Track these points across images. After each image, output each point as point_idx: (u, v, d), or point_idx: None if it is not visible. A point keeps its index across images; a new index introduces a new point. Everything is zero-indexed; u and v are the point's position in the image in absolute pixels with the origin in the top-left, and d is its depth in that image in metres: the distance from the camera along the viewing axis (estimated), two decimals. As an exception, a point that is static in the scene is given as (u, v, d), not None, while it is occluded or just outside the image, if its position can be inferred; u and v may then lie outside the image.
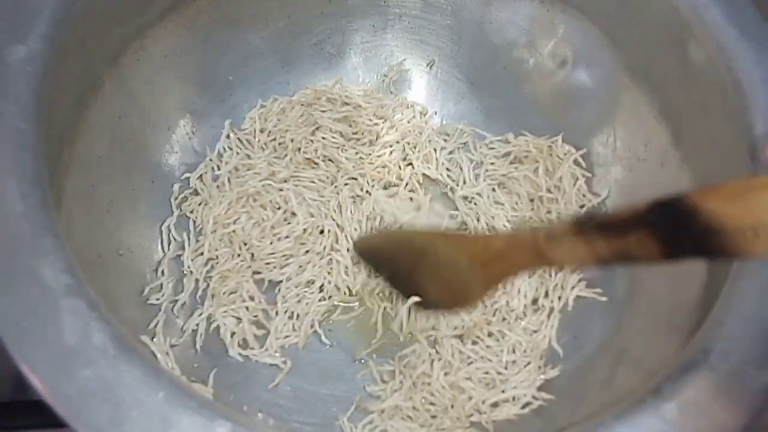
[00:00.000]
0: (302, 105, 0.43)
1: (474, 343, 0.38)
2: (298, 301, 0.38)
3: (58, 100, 0.30)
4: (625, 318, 0.37)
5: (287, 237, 0.39)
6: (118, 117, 0.37)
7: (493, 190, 0.43)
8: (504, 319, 0.39)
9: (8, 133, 0.26)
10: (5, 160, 0.25)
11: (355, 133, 0.43)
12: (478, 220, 0.42)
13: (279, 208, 0.40)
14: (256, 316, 0.37)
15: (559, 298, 0.39)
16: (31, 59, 0.27)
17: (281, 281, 0.39)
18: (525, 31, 0.43)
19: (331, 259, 0.39)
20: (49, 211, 0.25)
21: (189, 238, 0.39)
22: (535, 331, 0.38)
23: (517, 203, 0.42)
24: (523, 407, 0.36)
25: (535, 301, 0.39)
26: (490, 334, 0.38)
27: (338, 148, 0.42)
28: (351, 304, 0.39)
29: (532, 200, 0.42)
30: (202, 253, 0.39)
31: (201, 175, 0.41)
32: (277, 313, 0.38)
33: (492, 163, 0.43)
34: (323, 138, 0.42)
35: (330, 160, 0.42)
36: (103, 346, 0.23)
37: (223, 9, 0.40)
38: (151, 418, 0.22)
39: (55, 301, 0.23)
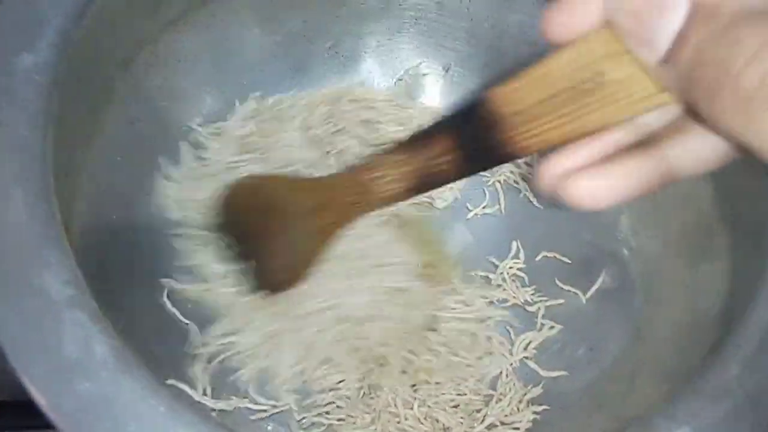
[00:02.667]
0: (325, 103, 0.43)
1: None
2: None
3: (69, 108, 0.29)
4: (642, 330, 0.37)
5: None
6: (131, 123, 0.37)
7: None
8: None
9: (15, 143, 0.26)
10: (12, 169, 0.25)
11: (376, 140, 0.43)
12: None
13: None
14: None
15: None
16: (39, 68, 0.27)
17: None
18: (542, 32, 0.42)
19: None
20: (54, 221, 0.25)
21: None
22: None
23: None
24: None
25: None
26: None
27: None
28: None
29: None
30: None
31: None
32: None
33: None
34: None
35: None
36: (104, 359, 0.23)
37: (236, 13, 0.40)
38: (151, 433, 0.22)
39: (57, 313, 0.23)
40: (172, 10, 0.37)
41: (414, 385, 0.36)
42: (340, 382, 0.37)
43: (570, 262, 0.41)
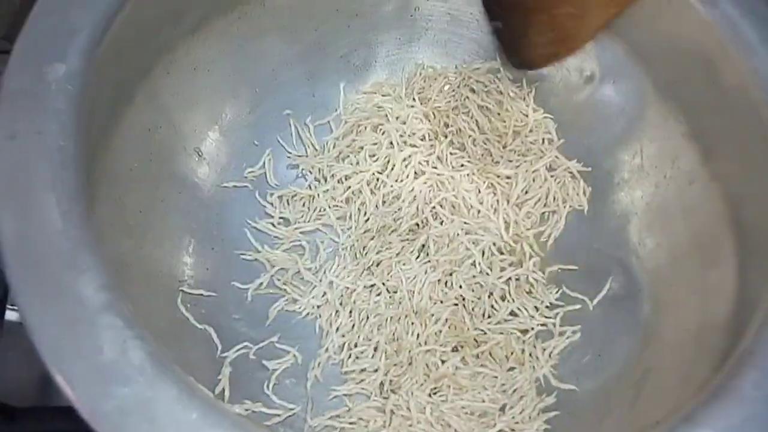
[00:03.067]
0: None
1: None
2: None
3: (94, 116, 0.30)
4: (650, 337, 0.37)
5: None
6: (148, 129, 0.37)
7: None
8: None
9: (49, 151, 0.26)
10: (46, 176, 0.26)
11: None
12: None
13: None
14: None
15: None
16: (70, 77, 0.27)
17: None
18: (553, 46, 0.43)
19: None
20: (87, 227, 0.25)
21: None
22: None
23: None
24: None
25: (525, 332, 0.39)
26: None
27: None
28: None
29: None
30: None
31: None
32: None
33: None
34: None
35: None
36: (141, 364, 0.23)
37: (253, 22, 0.40)
38: (187, 437, 0.22)
39: (92, 318, 0.24)
40: (191, 18, 0.37)
41: (435, 389, 0.37)
42: (364, 370, 0.38)
43: (577, 268, 0.41)
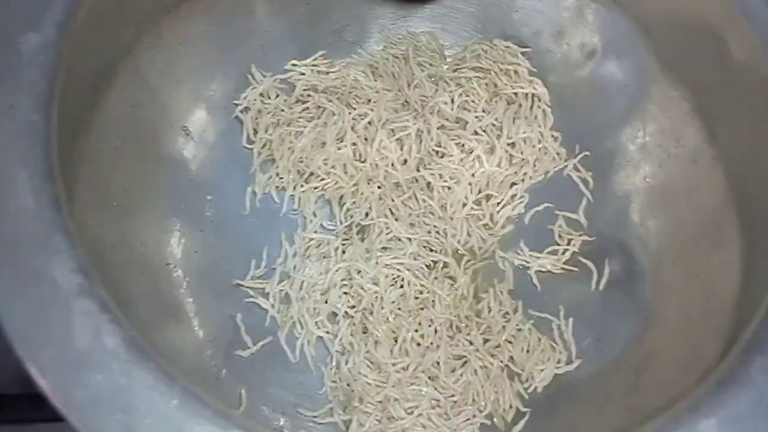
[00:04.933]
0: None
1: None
2: None
3: (72, 90, 0.29)
4: (652, 320, 0.36)
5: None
6: (133, 106, 0.36)
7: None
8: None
9: (20, 125, 0.25)
10: (17, 153, 0.24)
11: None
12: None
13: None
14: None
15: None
16: (44, 48, 0.26)
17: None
18: (552, 20, 0.42)
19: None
20: (61, 207, 0.24)
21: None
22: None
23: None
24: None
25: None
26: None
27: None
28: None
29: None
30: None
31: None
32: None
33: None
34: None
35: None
36: (115, 349, 0.22)
37: (241, -4, 0.39)
38: (164, 427, 0.21)
39: (66, 302, 0.23)
40: (175, -9, 0.36)
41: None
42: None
43: (577, 251, 0.40)
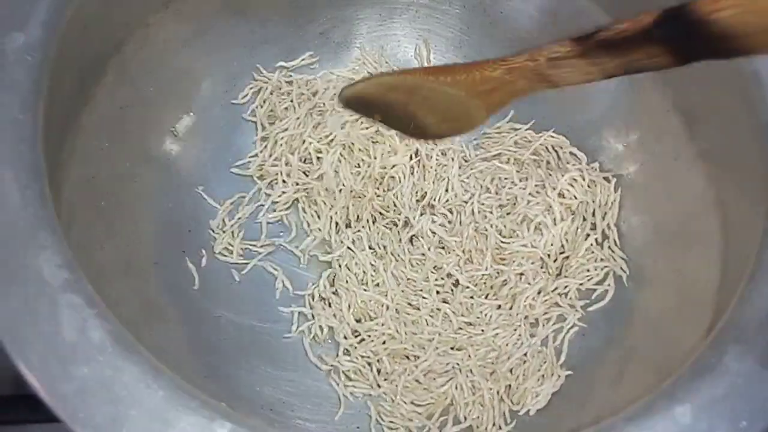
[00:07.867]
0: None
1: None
2: None
3: (59, 90, 0.29)
4: (634, 314, 0.37)
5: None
6: (120, 107, 0.36)
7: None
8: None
9: (6, 124, 0.25)
10: (3, 151, 0.25)
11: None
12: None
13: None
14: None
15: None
16: (30, 47, 0.26)
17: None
18: (536, 20, 0.42)
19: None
20: (47, 203, 0.25)
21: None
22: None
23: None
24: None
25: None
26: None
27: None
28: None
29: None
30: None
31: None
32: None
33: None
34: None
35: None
36: (102, 343, 0.22)
37: (228, -2, 0.39)
38: (151, 418, 0.21)
39: (52, 297, 0.23)
40: (162, -7, 0.36)
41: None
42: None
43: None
